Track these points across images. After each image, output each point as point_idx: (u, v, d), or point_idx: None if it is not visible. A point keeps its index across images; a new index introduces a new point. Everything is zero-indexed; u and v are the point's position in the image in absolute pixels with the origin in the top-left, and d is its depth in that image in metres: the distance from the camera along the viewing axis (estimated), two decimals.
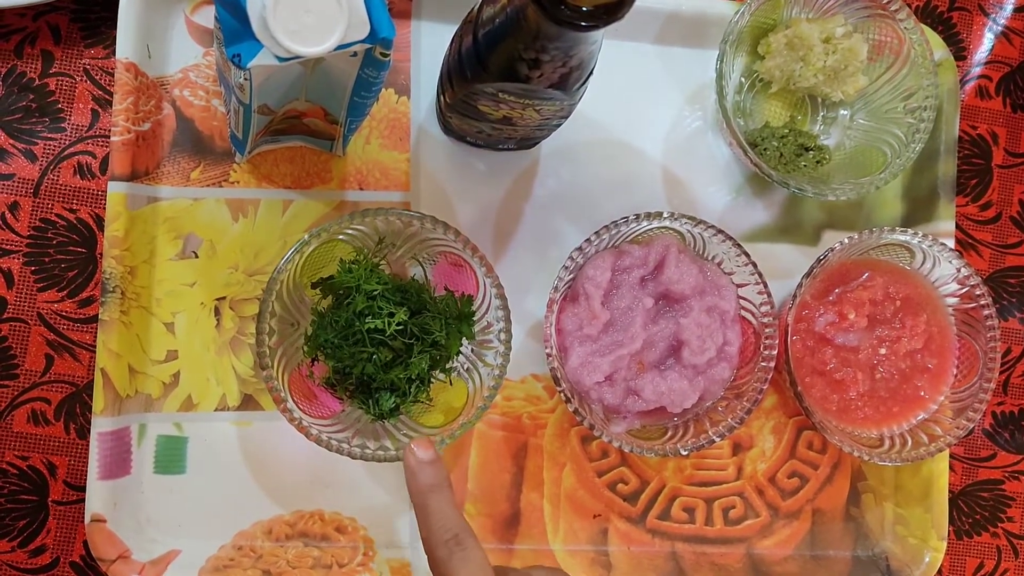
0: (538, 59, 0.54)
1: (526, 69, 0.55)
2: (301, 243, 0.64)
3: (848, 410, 0.73)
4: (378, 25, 0.52)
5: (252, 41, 0.51)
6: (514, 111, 0.62)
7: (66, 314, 0.69)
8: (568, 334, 0.69)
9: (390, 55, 0.55)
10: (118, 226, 0.67)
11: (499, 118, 0.64)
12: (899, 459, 0.71)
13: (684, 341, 0.69)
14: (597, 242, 0.68)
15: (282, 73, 0.55)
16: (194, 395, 0.70)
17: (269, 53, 0.51)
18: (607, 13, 0.47)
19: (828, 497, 0.77)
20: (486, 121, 0.65)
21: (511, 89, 0.58)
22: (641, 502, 0.75)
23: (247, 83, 0.54)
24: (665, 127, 0.77)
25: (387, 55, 0.55)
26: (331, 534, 0.71)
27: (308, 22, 0.50)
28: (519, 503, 0.74)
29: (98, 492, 0.67)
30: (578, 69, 0.56)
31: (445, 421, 0.69)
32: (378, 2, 0.52)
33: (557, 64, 0.55)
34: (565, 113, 0.64)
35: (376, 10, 0.52)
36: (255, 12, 0.49)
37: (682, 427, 0.71)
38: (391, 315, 0.65)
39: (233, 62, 0.52)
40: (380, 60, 0.56)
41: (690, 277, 0.69)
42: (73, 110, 0.71)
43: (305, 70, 0.57)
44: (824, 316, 0.72)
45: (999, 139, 0.82)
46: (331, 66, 0.57)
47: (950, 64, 0.78)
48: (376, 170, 0.73)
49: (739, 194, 0.77)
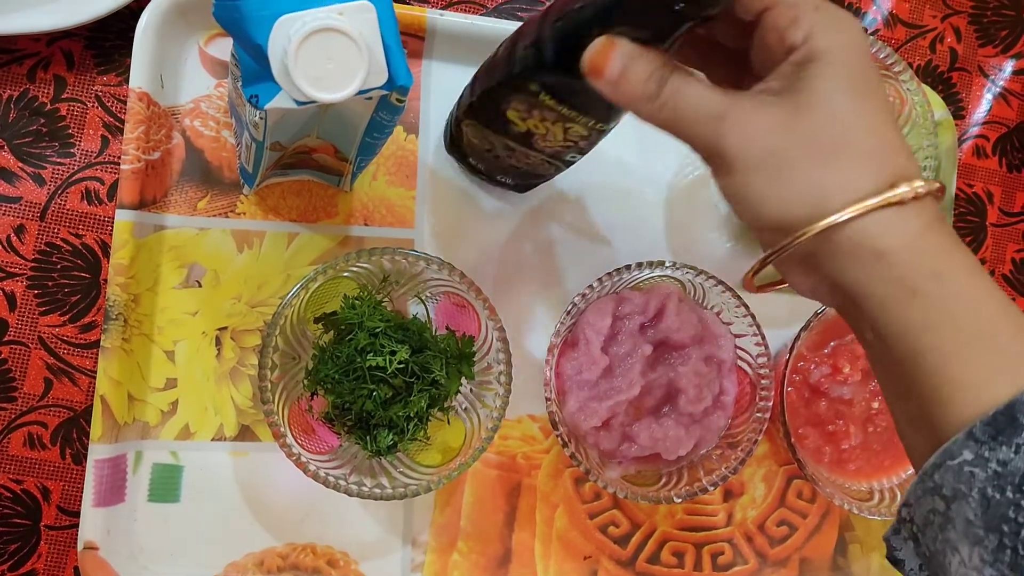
0: None
1: None
2: (307, 279, 0.64)
3: (841, 462, 0.73)
4: (396, 73, 0.53)
5: (271, 83, 0.51)
6: (543, 124, 0.61)
7: (67, 339, 0.70)
8: (567, 378, 0.70)
9: (405, 101, 0.56)
10: (124, 254, 0.68)
11: (521, 132, 0.62)
12: (888, 514, 0.72)
13: (681, 389, 0.70)
14: (599, 288, 0.69)
15: (297, 114, 0.55)
16: (192, 424, 0.70)
17: (287, 96, 0.52)
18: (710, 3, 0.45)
19: (816, 546, 0.78)
20: (503, 135, 0.64)
21: (560, 87, 0.56)
22: (631, 545, 0.75)
23: (262, 122, 0.55)
24: (669, 174, 0.78)
25: (403, 101, 0.56)
26: (323, 567, 0.71)
27: (329, 69, 0.50)
28: (511, 542, 0.74)
29: (92, 519, 0.66)
30: None
31: (442, 460, 0.69)
32: (397, 50, 0.53)
33: None
34: (587, 145, 0.63)
35: (395, 58, 0.53)
36: (276, 56, 0.50)
37: (676, 474, 0.71)
38: (392, 353, 0.65)
39: (251, 102, 0.52)
40: (395, 105, 0.56)
41: (689, 326, 0.70)
42: (83, 136, 0.71)
43: (319, 110, 0.58)
44: (819, 368, 0.73)
45: (994, 198, 0.83)
46: (346, 107, 0.57)
47: (949, 124, 0.80)
48: (382, 206, 0.73)
49: (739, 242, 0.78)
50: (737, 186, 0.44)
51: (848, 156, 0.42)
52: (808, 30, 0.43)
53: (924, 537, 0.43)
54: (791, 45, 0.44)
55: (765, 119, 0.43)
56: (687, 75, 0.45)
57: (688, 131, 0.45)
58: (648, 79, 0.45)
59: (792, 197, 0.43)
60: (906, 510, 0.44)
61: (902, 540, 0.45)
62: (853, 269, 0.43)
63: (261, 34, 0.50)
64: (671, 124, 0.46)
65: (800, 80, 0.43)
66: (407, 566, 0.72)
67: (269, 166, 0.66)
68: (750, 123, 0.43)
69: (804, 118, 0.43)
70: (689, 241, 0.78)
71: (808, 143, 0.42)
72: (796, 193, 0.43)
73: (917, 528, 0.43)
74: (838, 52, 0.43)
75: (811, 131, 0.43)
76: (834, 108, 0.43)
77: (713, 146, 0.44)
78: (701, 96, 0.45)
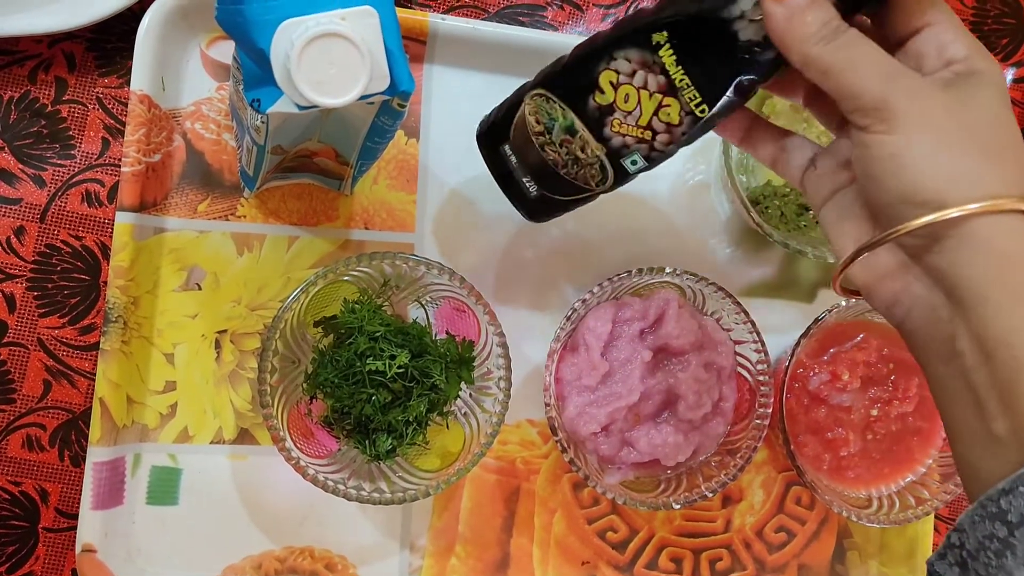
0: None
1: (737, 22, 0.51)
2: (308, 283, 0.64)
3: (839, 469, 0.73)
4: (398, 79, 0.53)
5: (273, 87, 0.51)
6: (638, 91, 0.55)
7: (66, 340, 0.69)
8: (566, 383, 0.69)
9: (407, 106, 0.56)
10: (124, 256, 0.68)
11: (603, 105, 0.57)
12: (887, 521, 0.72)
13: (680, 395, 0.70)
14: (599, 293, 0.69)
15: (299, 118, 0.55)
16: (190, 427, 0.70)
17: (289, 101, 0.52)
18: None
19: (814, 553, 0.78)
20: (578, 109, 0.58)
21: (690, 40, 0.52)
22: (629, 551, 0.75)
23: (264, 126, 0.55)
24: (669, 180, 0.78)
25: (404, 106, 0.56)
26: (320, 571, 0.71)
27: (331, 74, 0.50)
28: (509, 547, 0.74)
29: (90, 522, 0.66)
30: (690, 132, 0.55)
31: (441, 465, 0.69)
32: (399, 56, 0.53)
33: None
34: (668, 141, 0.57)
35: (397, 64, 0.53)
36: (278, 61, 0.50)
37: (675, 480, 0.71)
38: (392, 357, 0.66)
39: (252, 106, 0.52)
40: (397, 110, 0.56)
41: (689, 332, 0.70)
42: (84, 138, 0.71)
43: (321, 115, 0.58)
44: (819, 375, 0.73)
45: None
46: (348, 112, 0.57)
47: None
48: (382, 210, 0.73)
49: (738, 249, 0.78)
50: (896, 145, 0.45)
51: (1003, 156, 0.45)
52: (968, 50, 0.47)
53: (975, 562, 0.42)
54: (951, 58, 0.47)
55: (935, 98, 0.45)
56: (862, 34, 0.47)
57: (855, 78, 0.46)
58: (827, 24, 0.47)
59: (950, 172, 0.44)
60: (956, 535, 0.43)
61: (947, 565, 0.44)
62: (973, 265, 0.44)
63: (264, 38, 0.50)
64: (838, 67, 0.46)
65: (965, 85, 0.46)
66: (405, 570, 0.72)
67: (270, 169, 0.66)
68: (922, 93, 0.45)
69: (970, 112, 0.45)
70: (689, 247, 0.77)
71: (971, 133, 0.45)
72: (953, 169, 0.44)
73: (968, 554, 0.43)
74: (994, 75, 0.46)
75: (975, 125, 0.45)
76: (995, 114, 0.45)
77: (880, 98, 0.45)
78: (877, 53, 0.47)
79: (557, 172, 0.61)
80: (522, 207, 0.65)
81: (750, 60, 0.52)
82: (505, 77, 0.68)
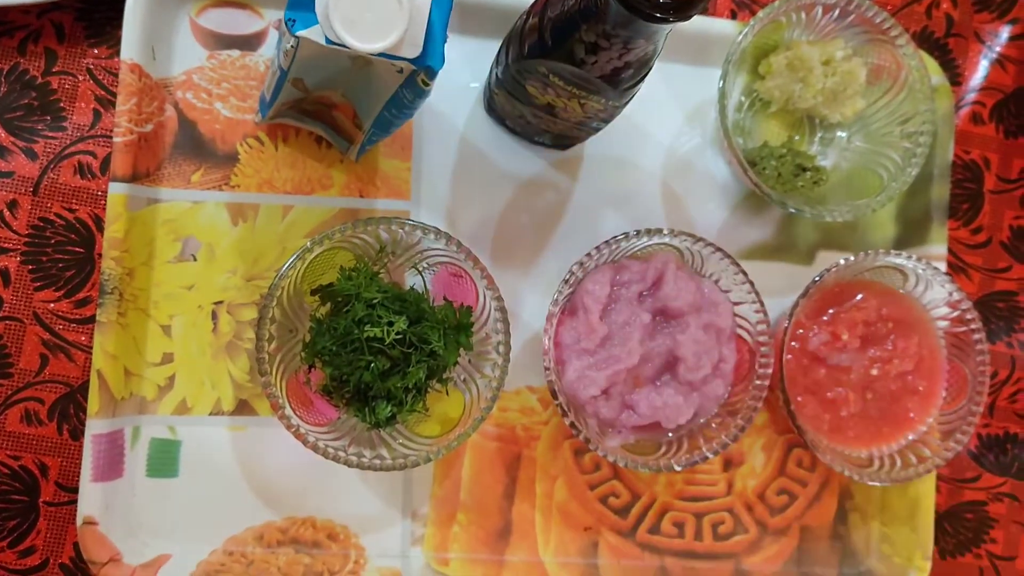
0: (597, 44, 0.55)
1: (583, 52, 0.56)
2: (304, 250, 0.64)
3: (839, 429, 0.73)
4: (431, 52, 0.54)
5: (311, 13, 0.52)
6: (559, 99, 0.62)
7: (62, 314, 0.69)
8: (566, 347, 0.69)
9: (431, 86, 0.56)
10: (118, 227, 0.67)
11: (543, 104, 0.64)
12: (888, 479, 0.72)
13: (680, 357, 0.69)
14: (597, 256, 0.68)
15: (328, 59, 0.56)
16: (189, 399, 0.70)
17: (320, 31, 0.52)
18: (677, 9, 0.49)
19: (816, 515, 0.78)
20: (529, 105, 0.66)
21: (563, 72, 0.58)
22: (632, 516, 0.75)
23: (292, 51, 0.55)
24: (665, 143, 0.77)
25: (428, 85, 0.56)
26: (323, 541, 0.71)
27: (367, 18, 0.51)
28: (511, 514, 0.74)
29: (90, 494, 0.66)
30: (632, 68, 0.57)
31: (441, 431, 0.69)
32: (439, 33, 0.54)
33: (614, 55, 0.55)
34: (608, 115, 0.64)
35: (434, 40, 0.54)
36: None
37: (676, 443, 0.71)
38: (390, 324, 0.65)
39: (287, 24, 0.53)
40: (420, 87, 0.56)
41: (687, 294, 0.70)
42: (75, 109, 0.70)
43: (352, 67, 0.58)
44: (818, 336, 0.73)
45: (991, 164, 0.83)
46: (376, 73, 0.57)
47: (946, 90, 0.80)
48: (377, 178, 0.73)
49: (736, 212, 0.78)
50: None
51: None
52: None
53: None
54: None
55: None
56: None
57: None
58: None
59: None
60: None
61: None
62: None
63: None
64: None
65: None
66: (407, 539, 0.72)
67: (286, 102, 0.65)
68: None
69: None
70: (686, 211, 0.77)
71: None
72: None
73: None
74: None
75: None
76: None
77: None
78: None
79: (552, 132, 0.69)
80: (547, 147, 0.75)
81: None
82: (497, 43, 0.68)
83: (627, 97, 0.61)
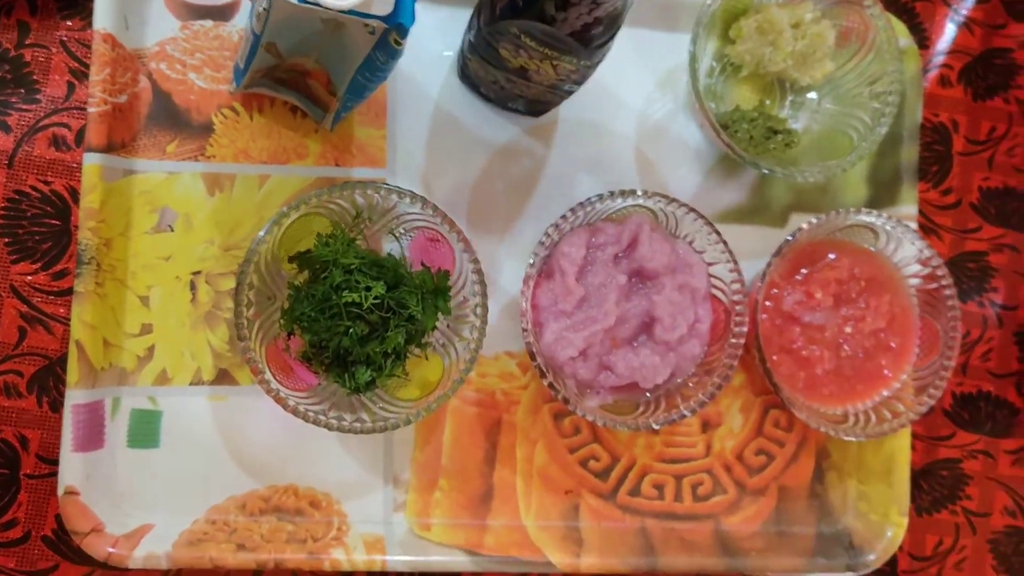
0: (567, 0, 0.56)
1: (552, 9, 0.57)
2: (280, 215, 0.64)
3: (814, 387, 0.74)
4: (402, 9, 0.54)
5: None
6: (531, 61, 0.62)
7: (39, 287, 0.69)
8: (543, 310, 0.70)
9: (403, 45, 0.56)
10: (94, 198, 0.67)
11: (516, 68, 0.65)
12: (863, 435, 0.73)
13: (656, 318, 0.70)
14: (572, 219, 0.69)
15: (301, 20, 0.56)
16: (169, 369, 0.70)
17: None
18: None
19: (793, 475, 0.79)
20: (502, 69, 0.66)
21: (534, 31, 0.59)
22: (612, 478, 0.76)
23: (265, 14, 0.55)
24: (638, 109, 0.78)
25: (400, 44, 0.56)
26: (305, 509, 0.71)
27: None
28: (492, 479, 0.74)
29: (71, 464, 0.66)
30: (602, 24, 0.58)
31: (421, 395, 0.69)
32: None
33: (583, 10, 0.56)
34: (580, 77, 0.65)
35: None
36: None
37: (653, 403, 0.72)
38: (368, 289, 0.65)
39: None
40: (393, 47, 0.57)
41: (662, 255, 0.71)
42: (48, 81, 0.70)
43: (324, 29, 0.58)
44: (792, 295, 0.74)
45: (960, 127, 0.84)
46: (348, 35, 0.58)
47: (914, 52, 0.81)
48: (353, 147, 0.73)
49: (709, 176, 0.79)
50: None
51: None
52: None
53: None
54: None
55: None
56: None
57: None
58: None
59: None
60: None
61: None
62: None
63: None
64: None
65: None
66: (389, 505, 0.73)
67: (260, 69, 0.65)
68: None
69: None
70: (660, 176, 0.78)
71: None
72: None
73: None
74: None
75: None
76: None
77: None
78: None
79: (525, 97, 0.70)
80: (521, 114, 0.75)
81: None
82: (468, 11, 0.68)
83: (598, 57, 0.62)
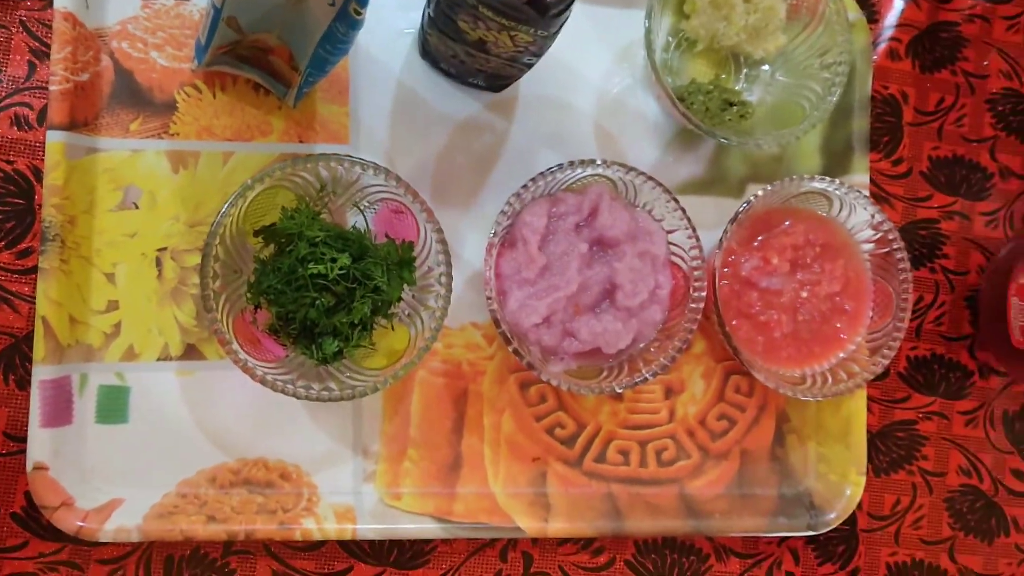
0: None
1: None
2: (244, 187, 0.65)
3: (772, 350, 0.76)
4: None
5: None
6: (490, 32, 0.64)
7: (3, 265, 0.69)
8: (506, 278, 0.71)
9: (363, 15, 0.57)
10: (57, 175, 0.68)
11: (475, 40, 0.66)
12: (820, 395, 0.75)
13: (618, 285, 0.72)
14: (533, 188, 0.70)
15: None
16: (136, 345, 0.70)
17: None
18: None
19: (755, 438, 0.81)
20: (462, 43, 0.67)
21: (491, 1, 0.60)
22: (578, 445, 0.78)
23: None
24: (596, 84, 0.79)
25: (360, 13, 0.57)
26: (275, 481, 0.72)
27: None
28: (460, 448, 0.75)
29: (40, 440, 0.67)
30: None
31: (387, 364, 0.70)
32: None
33: None
34: (538, 49, 0.66)
35: None
36: None
37: (617, 368, 0.73)
38: (333, 260, 0.66)
39: None
40: (353, 18, 0.58)
41: (622, 223, 0.72)
42: (9, 62, 0.70)
43: (285, 3, 0.59)
44: (749, 261, 0.76)
45: (909, 98, 0.86)
46: (309, 8, 0.59)
47: (863, 25, 0.83)
48: (316, 123, 0.74)
49: (668, 149, 0.80)
50: None
51: None
52: None
53: None
54: None
55: None
56: None
57: None
58: None
59: None
60: None
61: None
62: None
63: None
64: None
65: None
66: (359, 476, 0.73)
67: (221, 46, 0.66)
68: None
69: None
70: (620, 149, 0.79)
71: None
72: None
73: None
74: None
75: None
76: None
77: None
78: None
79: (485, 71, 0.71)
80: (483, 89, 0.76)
81: None
82: None
83: (554, 26, 0.63)
